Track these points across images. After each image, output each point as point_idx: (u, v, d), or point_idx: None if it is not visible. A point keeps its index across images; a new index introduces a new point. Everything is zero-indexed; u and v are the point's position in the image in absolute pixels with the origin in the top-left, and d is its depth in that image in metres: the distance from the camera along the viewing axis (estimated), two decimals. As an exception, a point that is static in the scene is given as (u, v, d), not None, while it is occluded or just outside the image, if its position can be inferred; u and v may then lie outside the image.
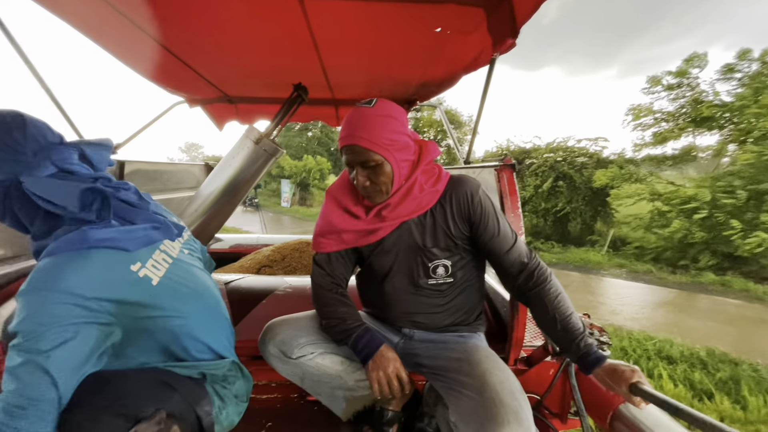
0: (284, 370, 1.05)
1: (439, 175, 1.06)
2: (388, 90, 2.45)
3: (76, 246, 0.75)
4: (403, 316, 1.11)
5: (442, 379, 0.98)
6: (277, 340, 1.03)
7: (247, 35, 1.71)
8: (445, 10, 1.39)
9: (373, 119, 0.96)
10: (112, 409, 0.70)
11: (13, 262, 1.54)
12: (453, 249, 1.05)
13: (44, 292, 0.70)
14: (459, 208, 1.03)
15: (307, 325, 1.08)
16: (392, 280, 1.09)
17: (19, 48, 1.49)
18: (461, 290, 1.09)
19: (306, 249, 2.36)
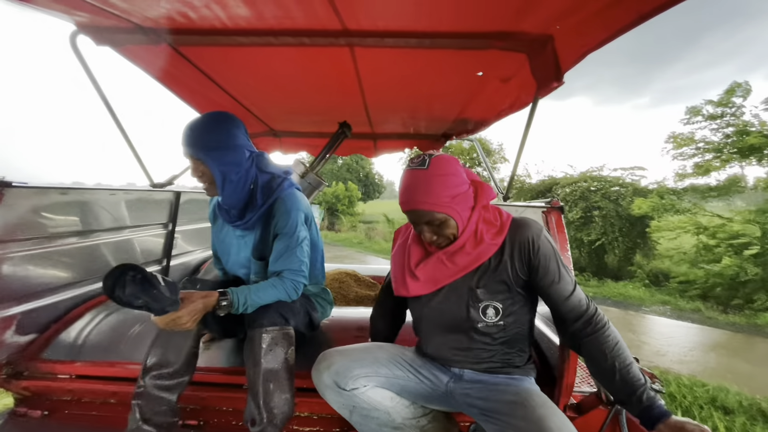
0: (336, 401, 1.05)
1: (501, 226, 1.06)
2: (425, 126, 2.54)
3: (295, 187, 1.37)
4: (453, 355, 1.12)
5: (494, 422, 0.97)
6: (332, 370, 1.04)
7: (298, 79, 1.85)
8: (488, 55, 1.45)
9: (430, 180, 1.00)
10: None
11: (79, 286, 1.67)
12: (506, 292, 1.05)
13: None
14: (520, 253, 1.03)
15: (361, 357, 1.09)
16: (443, 320, 1.11)
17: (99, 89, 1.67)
18: (512, 333, 1.08)
19: (346, 280, 2.41)
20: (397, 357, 1.15)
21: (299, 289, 1.26)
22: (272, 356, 1.13)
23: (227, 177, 1.22)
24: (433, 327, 1.14)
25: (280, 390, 1.13)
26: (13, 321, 1.35)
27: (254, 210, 1.29)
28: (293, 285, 1.24)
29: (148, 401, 1.12)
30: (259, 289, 1.18)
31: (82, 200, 1.60)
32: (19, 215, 1.30)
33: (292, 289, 1.23)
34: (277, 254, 1.26)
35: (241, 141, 1.26)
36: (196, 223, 2.50)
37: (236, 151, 1.24)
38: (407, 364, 1.13)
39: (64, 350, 1.46)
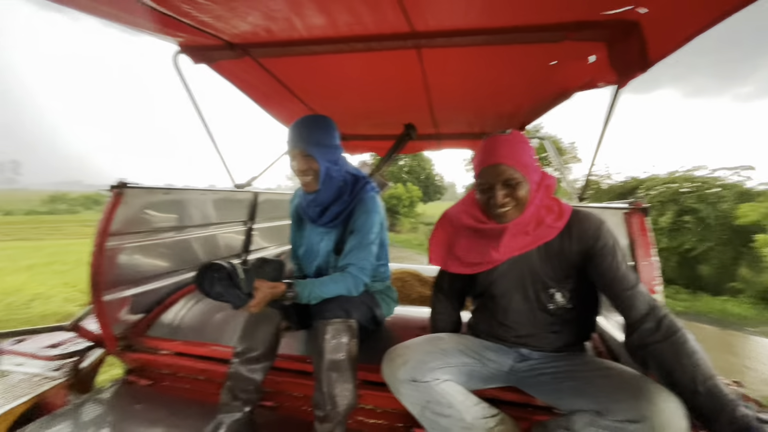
0: (410, 395, 1.06)
1: (560, 211, 1.11)
2: (492, 123, 2.47)
3: (377, 190, 1.45)
4: (520, 338, 1.17)
5: (573, 378, 1.02)
6: (408, 366, 1.06)
7: (364, 83, 1.91)
8: (562, 46, 1.38)
9: (513, 143, 1.06)
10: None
11: (176, 275, 1.89)
12: (571, 277, 1.10)
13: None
14: (580, 241, 1.07)
15: (430, 349, 1.12)
16: (510, 305, 1.16)
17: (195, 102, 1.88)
18: (577, 316, 1.13)
19: (409, 279, 2.43)
20: (460, 345, 1.18)
21: (360, 287, 1.32)
22: (335, 347, 1.19)
23: (329, 173, 1.34)
24: (499, 311, 1.18)
25: (343, 380, 1.18)
26: (127, 302, 1.58)
27: (339, 207, 1.38)
28: (354, 281, 1.30)
29: (237, 381, 1.25)
30: (322, 282, 1.26)
31: (180, 199, 1.82)
32: (134, 212, 1.53)
33: (353, 285, 1.29)
34: (348, 249, 1.33)
35: (338, 142, 1.39)
36: (270, 221, 2.70)
37: (336, 151, 1.37)
38: (470, 351, 1.17)
39: (164, 329, 1.68)
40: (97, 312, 1.43)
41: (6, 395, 1.31)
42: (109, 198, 1.40)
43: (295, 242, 1.55)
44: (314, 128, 1.33)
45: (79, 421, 1.32)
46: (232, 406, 1.24)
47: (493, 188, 1.07)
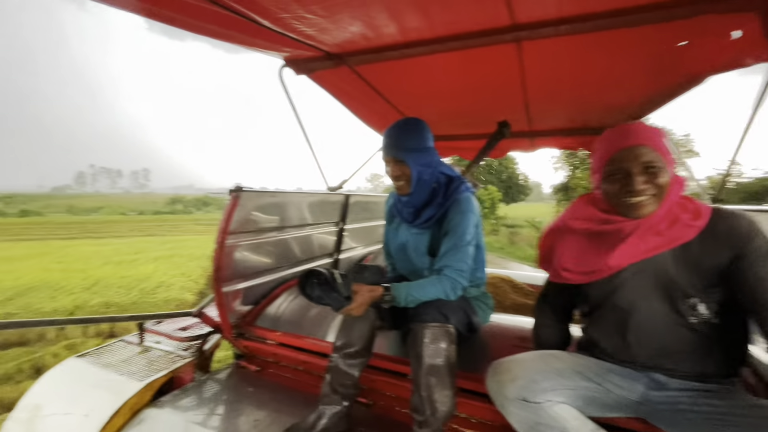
0: (518, 414, 1.00)
1: (696, 209, 0.96)
2: (598, 116, 2.24)
3: (472, 190, 1.43)
4: (652, 359, 1.01)
5: (737, 425, 0.83)
6: (518, 384, 0.99)
7: (456, 83, 1.87)
8: (694, 22, 1.19)
9: (648, 128, 0.96)
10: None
11: (278, 271, 2.06)
12: (714, 289, 0.93)
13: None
14: (728, 241, 0.91)
15: (542, 368, 1.02)
16: (639, 318, 1.00)
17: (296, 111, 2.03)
18: (722, 337, 0.95)
19: (502, 285, 2.33)
20: (577, 365, 1.05)
21: (458, 289, 1.28)
22: (433, 352, 1.18)
23: (421, 176, 1.35)
24: (625, 326, 1.02)
25: (442, 386, 1.16)
26: (240, 294, 1.76)
27: (433, 209, 1.37)
28: (452, 284, 1.27)
29: (336, 374, 1.31)
30: (419, 285, 1.25)
31: (283, 202, 1.97)
32: (247, 213, 1.70)
33: (450, 288, 1.27)
34: (443, 251, 1.31)
35: (431, 144, 1.39)
36: (360, 222, 2.80)
37: (429, 153, 1.37)
38: (590, 373, 1.03)
39: (269, 321, 1.83)
40: (217, 301, 1.61)
41: (150, 367, 1.54)
42: (228, 200, 1.57)
43: (390, 242, 1.58)
44: (405, 133, 1.35)
45: (203, 397, 1.50)
46: (332, 399, 1.30)
47: (630, 174, 0.93)
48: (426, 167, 1.36)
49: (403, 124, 1.37)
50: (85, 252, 10.91)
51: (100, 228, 19.99)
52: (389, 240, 1.58)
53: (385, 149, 1.37)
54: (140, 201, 42.79)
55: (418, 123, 1.38)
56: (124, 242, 13.60)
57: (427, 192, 1.38)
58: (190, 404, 1.44)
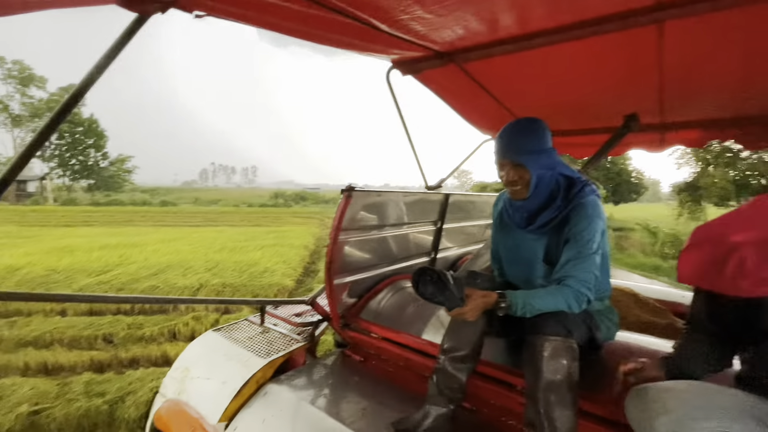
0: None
1: None
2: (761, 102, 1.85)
3: (597, 193, 1.29)
4: None
5: None
6: (671, 418, 0.86)
7: (579, 74, 1.71)
8: None
9: None
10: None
11: (379, 267, 2.13)
12: None
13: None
14: None
15: (704, 405, 0.86)
16: None
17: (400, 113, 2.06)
18: None
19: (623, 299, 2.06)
20: (748, 404, 0.87)
21: (582, 302, 1.17)
22: (554, 366, 1.10)
23: (541, 180, 1.27)
24: None
25: (562, 404, 1.08)
26: (347, 287, 1.87)
27: (551, 213, 1.28)
28: (576, 296, 1.16)
29: (443, 376, 1.31)
30: (538, 295, 1.17)
31: (388, 201, 2.03)
32: (356, 211, 1.79)
33: (573, 300, 1.16)
34: (565, 260, 1.21)
35: (551, 144, 1.31)
36: (458, 222, 2.75)
37: (549, 155, 1.29)
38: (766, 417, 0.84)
39: (371, 314, 1.91)
40: (328, 292, 1.73)
41: (270, 347, 1.72)
42: (341, 199, 1.67)
43: (498, 248, 1.51)
44: (523, 135, 1.27)
45: (313, 379, 1.63)
46: (438, 400, 1.30)
47: None
48: (546, 170, 1.27)
49: (522, 125, 1.29)
50: (207, 238, 12.69)
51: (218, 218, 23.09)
52: (498, 245, 1.52)
53: (500, 152, 1.30)
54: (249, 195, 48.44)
55: (537, 123, 1.29)
56: (236, 231, 15.48)
57: (545, 196, 1.29)
58: (303, 384, 1.57)
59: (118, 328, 5.06)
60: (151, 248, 10.43)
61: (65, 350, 4.54)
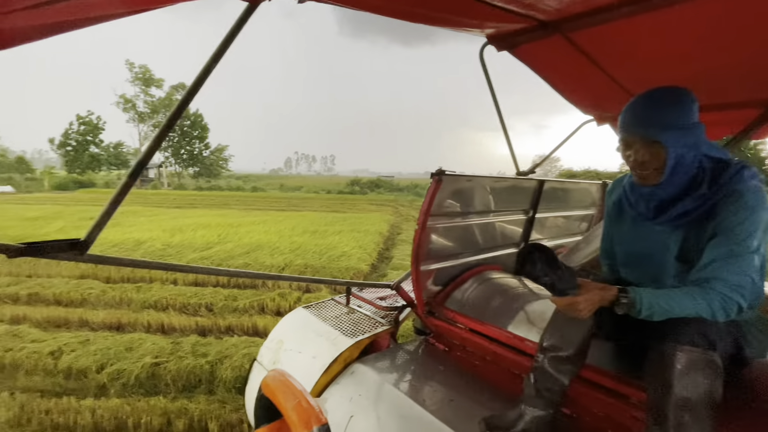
0: None
1: None
2: None
3: (759, 178, 1.05)
4: None
5: None
6: None
7: (713, 38, 1.41)
8: None
9: None
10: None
11: (465, 256, 2.04)
12: None
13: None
14: None
15: None
16: None
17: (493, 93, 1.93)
18: None
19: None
20: None
21: (731, 310, 0.96)
22: (689, 383, 0.92)
23: (681, 161, 1.06)
24: None
25: (700, 428, 0.91)
26: (432, 274, 1.82)
27: (692, 203, 1.07)
28: (723, 302, 0.95)
29: (542, 376, 1.20)
30: (671, 295, 0.98)
31: (477, 186, 1.93)
32: (445, 196, 1.72)
33: (719, 307, 0.95)
34: (711, 258, 1.00)
35: (697, 118, 1.09)
36: (553, 211, 2.53)
37: (694, 131, 1.06)
38: None
39: (456, 304, 1.84)
40: (414, 278, 1.70)
41: (356, 328, 1.76)
42: (430, 183, 1.61)
43: (612, 241, 1.32)
44: (663, 106, 1.06)
45: (397, 363, 1.62)
46: (535, 401, 1.20)
47: None
48: (689, 149, 1.04)
49: (659, 95, 1.08)
50: (290, 222, 13.62)
51: (300, 203, 24.67)
52: (613, 239, 1.32)
53: (628, 126, 1.10)
54: (328, 182, 50.97)
55: (682, 92, 1.07)
56: (316, 215, 16.39)
57: (685, 181, 1.07)
58: (388, 368, 1.57)
59: (217, 298, 5.68)
60: (244, 229, 11.52)
61: (177, 314, 5.24)
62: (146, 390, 3.58)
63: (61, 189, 31.52)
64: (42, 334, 4.38)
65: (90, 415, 3.15)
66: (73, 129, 36.47)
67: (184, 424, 3.15)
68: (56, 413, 3.20)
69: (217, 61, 0.99)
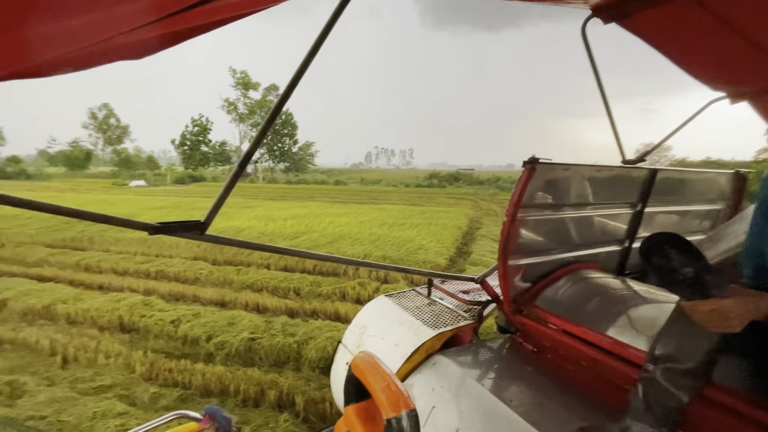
0: None
1: None
2: None
3: None
4: None
5: None
6: None
7: None
8: None
9: None
10: None
11: (559, 252, 1.88)
12: None
13: None
14: None
15: None
16: None
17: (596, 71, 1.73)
18: None
19: None
20: None
21: None
22: None
23: None
24: None
25: None
26: (521, 269, 1.72)
27: None
28: None
29: (654, 389, 1.05)
30: None
31: (574, 176, 1.76)
32: (538, 187, 1.60)
33: None
34: None
35: None
36: (667, 205, 2.20)
37: None
38: None
39: (547, 302, 1.71)
40: (500, 273, 1.62)
41: (437, 320, 1.74)
42: (523, 173, 1.51)
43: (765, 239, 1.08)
44: None
45: (481, 359, 1.56)
46: (644, 416, 1.06)
47: None
48: None
49: None
50: (370, 214, 14.03)
51: (379, 196, 25.29)
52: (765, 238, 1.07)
53: None
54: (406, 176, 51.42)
55: None
56: (395, 208, 16.64)
57: None
58: (471, 362, 1.52)
59: (304, 284, 6.12)
60: (328, 221, 12.18)
61: (269, 296, 5.75)
62: (244, 361, 4.01)
63: (179, 183, 36.93)
64: (166, 305, 5.16)
65: (201, 377, 3.63)
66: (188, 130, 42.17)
67: (274, 395, 3.46)
68: (176, 372, 3.75)
69: (312, 59, 1.03)
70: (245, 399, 3.46)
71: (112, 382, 3.63)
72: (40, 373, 3.75)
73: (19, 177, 39.34)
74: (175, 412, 1.16)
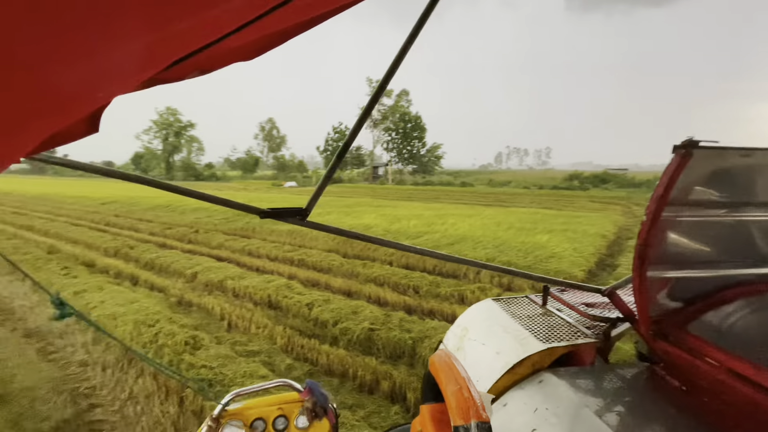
0: None
1: None
2: None
3: None
4: None
5: None
6: None
7: None
8: None
9: None
10: None
11: (731, 266, 1.44)
12: None
13: None
14: None
15: None
16: None
17: None
18: None
19: None
20: None
21: None
22: None
23: None
24: None
25: None
26: (666, 284, 1.37)
27: None
28: None
29: None
30: None
31: (754, 165, 1.31)
32: (698, 178, 1.25)
33: None
34: None
35: None
36: None
37: None
38: None
39: (707, 330, 1.32)
40: (636, 285, 1.32)
41: (551, 333, 1.52)
42: (671, 160, 1.19)
43: None
44: None
45: (602, 387, 1.30)
46: None
47: None
48: None
49: None
50: (496, 217, 13.34)
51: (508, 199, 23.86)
52: None
53: None
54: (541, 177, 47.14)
55: None
56: (525, 212, 15.44)
57: None
58: (590, 389, 1.28)
59: (423, 282, 6.19)
60: (451, 222, 12.07)
61: (390, 291, 6.00)
62: (363, 349, 4.27)
63: (322, 184, 42.44)
64: (303, 289, 5.89)
65: (326, 358, 4.01)
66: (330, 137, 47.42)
67: (388, 386, 3.59)
68: (307, 350, 4.23)
69: (408, 49, 1.01)
70: (362, 384, 3.68)
71: (258, 348, 4.31)
72: (212, 333, 4.71)
73: (210, 179, 51.14)
74: (280, 380, 1.30)
